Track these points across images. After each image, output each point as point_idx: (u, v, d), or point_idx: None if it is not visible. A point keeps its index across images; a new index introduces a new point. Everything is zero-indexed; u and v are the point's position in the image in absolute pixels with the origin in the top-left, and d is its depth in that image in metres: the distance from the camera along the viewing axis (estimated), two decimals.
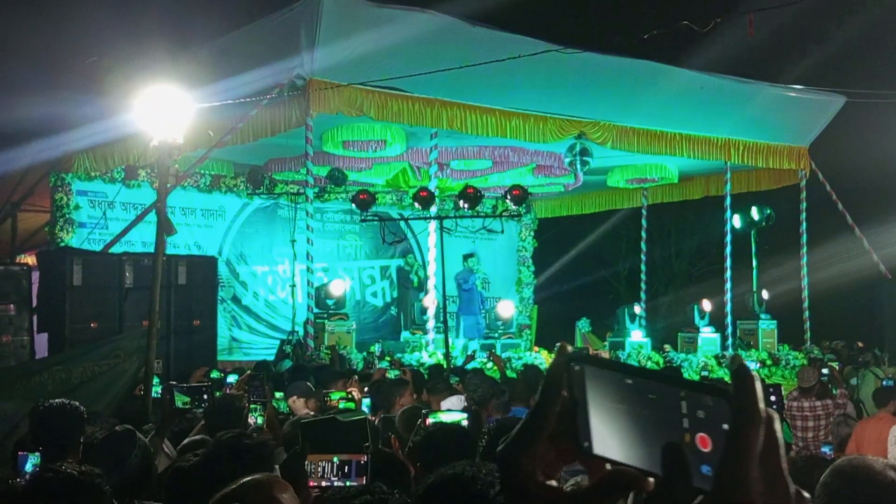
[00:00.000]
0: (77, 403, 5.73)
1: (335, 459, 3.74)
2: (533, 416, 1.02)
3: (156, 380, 9.78)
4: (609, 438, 0.96)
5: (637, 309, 19.44)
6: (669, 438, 0.93)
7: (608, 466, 0.98)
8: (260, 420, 7.56)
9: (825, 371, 12.90)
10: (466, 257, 20.16)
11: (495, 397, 8.55)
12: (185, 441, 5.84)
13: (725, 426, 0.91)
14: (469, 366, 13.15)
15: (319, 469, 3.73)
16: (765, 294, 19.73)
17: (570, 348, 1.05)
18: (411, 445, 4.68)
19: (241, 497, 2.63)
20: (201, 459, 3.95)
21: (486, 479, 2.25)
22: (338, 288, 16.88)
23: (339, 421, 4.04)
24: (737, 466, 0.90)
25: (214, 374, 11.01)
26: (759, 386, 0.92)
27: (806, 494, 0.99)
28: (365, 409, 7.84)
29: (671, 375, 0.98)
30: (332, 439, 3.91)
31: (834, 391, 11.75)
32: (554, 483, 1.01)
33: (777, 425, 0.93)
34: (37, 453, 4.88)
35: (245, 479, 2.77)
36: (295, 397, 8.42)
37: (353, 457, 3.75)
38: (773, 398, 8.28)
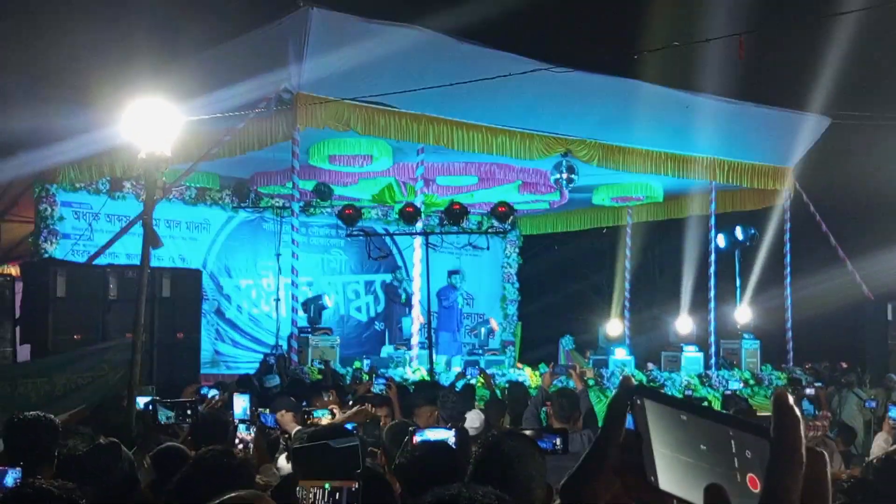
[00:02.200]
0: (52, 416, 5.69)
1: (326, 486, 3.72)
2: (595, 448, 1.01)
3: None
4: (672, 473, 0.95)
5: (610, 329, 19.44)
6: (723, 478, 0.91)
7: (675, 502, 0.97)
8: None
9: (810, 392, 12.94)
10: (451, 273, 20.18)
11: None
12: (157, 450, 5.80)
13: None
14: (459, 383, 13.13)
15: (310, 495, 3.71)
16: (744, 314, 19.79)
17: (634, 381, 1.04)
18: (397, 463, 4.66)
19: None
20: (182, 476, 3.93)
21: (484, 502, 2.24)
22: (329, 301, 16.88)
23: (331, 447, 4.02)
24: None
25: (206, 391, 10.96)
26: (800, 425, 0.89)
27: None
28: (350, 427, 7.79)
29: (721, 413, 0.96)
30: (324, 465, 3.90)
31: (816, 412, 11.79)
32: None
33: (826, 467, 0.90)
34: (17, 468, 4.84)
35: (231, 495, 2.75)
36: (283, 411, 8.38)
37: (345, 483, 3.74)
38: None
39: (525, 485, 3.67)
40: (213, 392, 10.67)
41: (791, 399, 0.92)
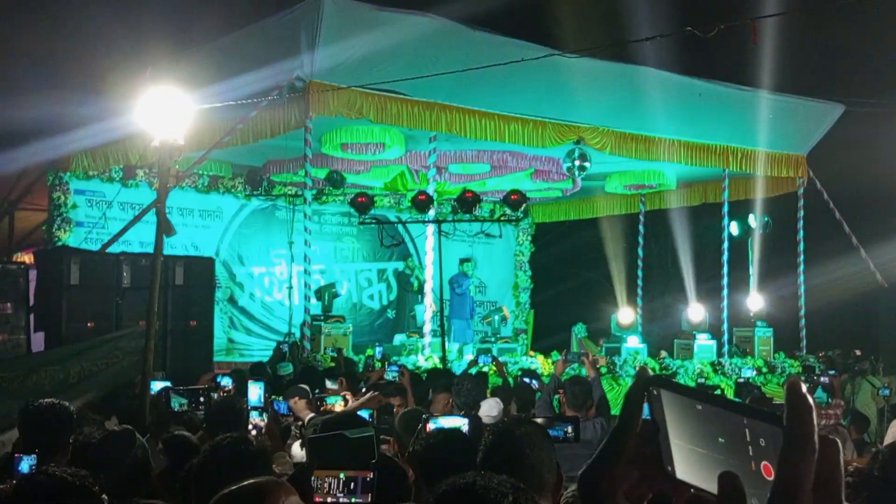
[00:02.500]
0: (66, 404, 5.70)
1: (341, 475, 3.75)
2: (612, 438, 1.02)
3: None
4: (689, 463, 0.95)
5: (622, 317, 19.41)
6: (738, 467, 0.91)
7: (692, 491, 0.97)
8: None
9: (824, 380, 12.91)
10: (463, 261, 20.19)
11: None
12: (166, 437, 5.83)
13: None
14: (472, 371, 13.13)
15: (326, 485, 3.73)
16: (757, 302, 19.74)
17: (650, 372, 1.04)
18: (411, 451, 4.67)
19: (248, 498, 2.61)
20: (198, 463, 3.95)
21: (499, 490, 2.24)
22: (343, 288, 16.91)
23: (346, 437, 4.04)
24: (783, 499, 0.88)
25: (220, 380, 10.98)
26: (813, 413, 0.89)
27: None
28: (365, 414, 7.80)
29: (735, 402, 0.96)
30: (339, 455, 3.92)
31: (829, 401, 11.76)
32: None
33: (839, 455, 0.90)
34: (33, 455, 4.86)
35: (251, 481, 2.75)
36: (296, 398, 8.40)
37: (360, 473, 3.76)
38: None
39: (536, 471, 3.68)
40: (226, 380, 10.70)
41: (804, 387, 0.91)
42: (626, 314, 19.77)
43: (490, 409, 7.94)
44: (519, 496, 2.25)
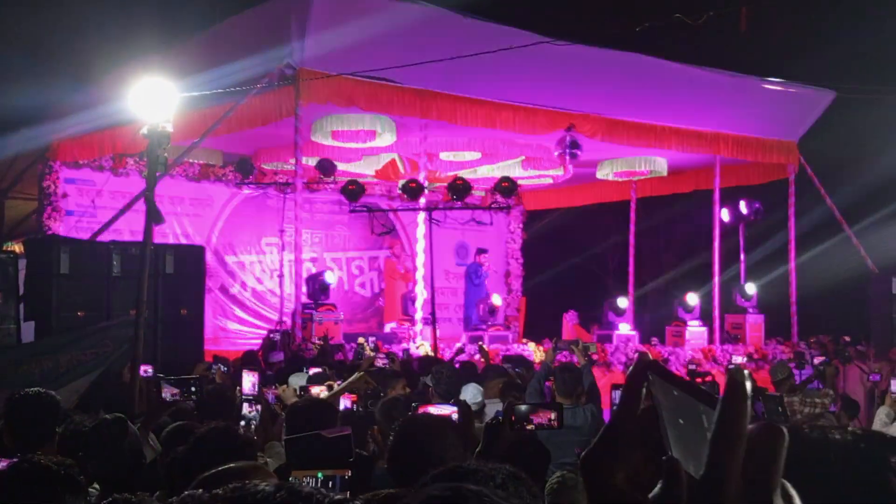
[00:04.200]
0: (53, 393, 5.68)
1: (319, 475, 3.76)
2: (612, 422, 1.02)
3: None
4: (674, 446, 0.97)
5: (621, 303, 19.45)
6: (699, 451, 0.92)
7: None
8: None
9: (820, 367, 12.98)
10: (479, 252, 20.27)
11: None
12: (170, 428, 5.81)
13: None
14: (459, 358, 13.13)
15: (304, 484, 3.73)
16: (748, 289, 19.77)
17: (650, 357, 1.05)
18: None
19: (228, 481, 2.61)
20: (183, 452, 3.94)
21: (487, 474, 2.25)
22: (332, 277, 16.90)
23: (323, 436, 4.04)
24: (707, 487, 0.89)
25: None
26: (746, 402, 0.89)
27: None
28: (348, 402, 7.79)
29: (698, 388, 0.97)
30: (316, 454, 3.93)
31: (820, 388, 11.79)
32: (639, 491, 1.00)
33: (782, 444, 0.90)
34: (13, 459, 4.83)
35: (228, 466, 2.75)
36: (284, 386, 8.40)
37: (338, 472, 3.77)
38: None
39: (442, 462, 3.68)
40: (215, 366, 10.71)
41: (746, 374, 0.91)
42: (618, 301, 19.79)
43: (474, 396, 7.91)
44: (507, 482, 2.25)
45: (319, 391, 7.96)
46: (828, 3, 18.54)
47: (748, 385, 0.90)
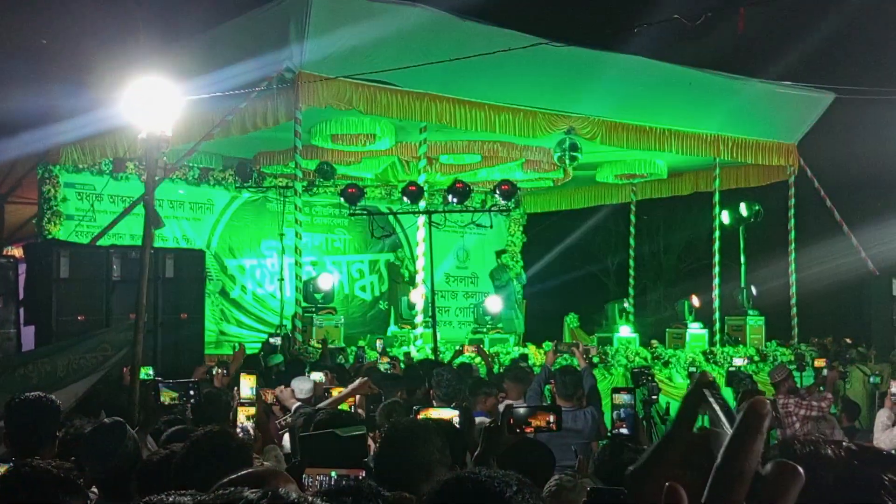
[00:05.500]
0: (53, 397, 5.67)
1: (333, 474, 3.71)
2: (665, 441, 1.01)
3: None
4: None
5: (626, 305, 19.45)
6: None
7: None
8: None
9: (823, 372, 12.97)
10: (500, 253, 20.21)
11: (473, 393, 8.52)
12: (170, 431, 5.80)
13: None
14: (457, 360, 13.11)
15: (316, 483, 3.70)
16: (753, 290, 19.75)
17: (710, 377, 1.03)
18: None
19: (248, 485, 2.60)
20: (179, 457, 3.91)
21: (503, 480, 2.23)
22: (326, 282, 16.87)
23: (338, 435, 4.01)
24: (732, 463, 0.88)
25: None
26: (758, 443, 0.89)
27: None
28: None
29: (734, 416, 0.97)
30: (330, 453, 3.89)
31: (820, 390, 11.76)
32: None
33: (794, 485, 0.89)
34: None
35: (248, 471, 2.73)
36: (283, 387, 8.39)
37: (352, 471, 3.72)
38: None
39: (424, 468, 3.64)
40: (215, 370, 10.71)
41: (767, 407, 0.90)
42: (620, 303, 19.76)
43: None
44: (523, 488, 2.24)
45: (319, 378, 7.94)
46: (828, 3, 18.54)
47: (766, 422, 0.89)
